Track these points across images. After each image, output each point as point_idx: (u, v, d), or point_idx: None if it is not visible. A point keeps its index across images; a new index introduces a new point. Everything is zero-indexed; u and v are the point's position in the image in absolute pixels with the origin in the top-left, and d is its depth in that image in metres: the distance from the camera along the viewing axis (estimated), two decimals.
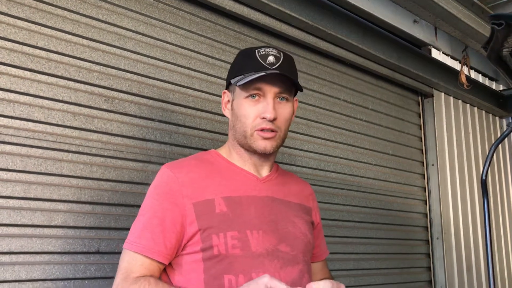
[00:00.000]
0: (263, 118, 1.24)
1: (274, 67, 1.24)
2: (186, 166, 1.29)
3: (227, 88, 1.37)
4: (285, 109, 1.29)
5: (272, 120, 1.24)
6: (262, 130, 1.25)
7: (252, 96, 1.26)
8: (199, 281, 1.19)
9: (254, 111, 1.25)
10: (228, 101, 1.35)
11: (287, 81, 1.27)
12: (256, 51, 1.27)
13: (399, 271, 2.80)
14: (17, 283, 1.44)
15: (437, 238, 3.01)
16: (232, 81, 1.30)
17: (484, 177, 1.32)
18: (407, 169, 3.01)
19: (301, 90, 1.32)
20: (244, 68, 1.28)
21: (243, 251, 1.19)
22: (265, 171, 1.35)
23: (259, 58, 1.26)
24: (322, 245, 1.52)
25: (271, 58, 1.26)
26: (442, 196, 3.06)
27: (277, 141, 1.28)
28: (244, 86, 1.26)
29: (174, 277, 1.24)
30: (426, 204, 3.09)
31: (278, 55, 1.27)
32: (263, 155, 1.31)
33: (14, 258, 1.44)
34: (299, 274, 1.26)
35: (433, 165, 3.11)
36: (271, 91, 1.25)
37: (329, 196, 2.47)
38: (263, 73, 1.22)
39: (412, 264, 2.91)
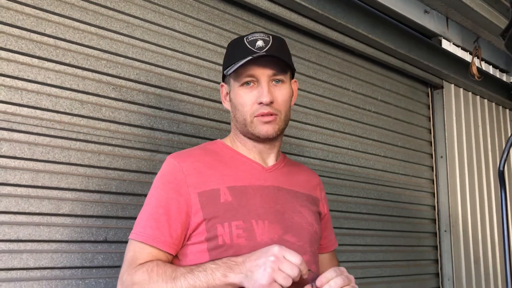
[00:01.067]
0: (260, 103, 1.23)
1: (263, 51, 1.23)
2: (191, 156, 1.28)
3: (223, 80, 1.35)
4: (282, 91, 1.26)
5: (269, 104, 1.23)
6: (261, 115, 1.24)
7: (247, 83, 1.25)
8: None
9: (251, 98, 1.24)
10: (227, 93, 1.33)
11: (279, 63, 1.24)
12: (245, 38, 1.26)
13: (406, 263, 2.79)
14: (25, 271, 1.44)
15: (445, 231, 2.99)
16: (225, 72, 1.29)
17: (502, 168, 1.30)
18: (416, 161, 2.99)
19: (294, 70, 1.31)
20: (234, 57, 1.26)
21: (248, 241, 1.18)
22: (271, 160, 1.34)
23: (247, 45, 1.24)
24: (330, 236, 1.51)
25: (259, 43, 1.24)
26: (450, 189, 3.04)
27: (279, 123, 1.26)
28: (237, 75, 1.25)
29: None
30: (434, 197, 3.07)
31: (267, 38, 1.25)
32: (268, 141, 1.29)
33: (22, 246, 1.45)
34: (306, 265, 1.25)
35: (442, 157, 3.08)
36: (264, 74, 1.24)
37: (337, 188, 2.46)
38: (250, 58, 1.20)
39: (420, 256, 2.90)
